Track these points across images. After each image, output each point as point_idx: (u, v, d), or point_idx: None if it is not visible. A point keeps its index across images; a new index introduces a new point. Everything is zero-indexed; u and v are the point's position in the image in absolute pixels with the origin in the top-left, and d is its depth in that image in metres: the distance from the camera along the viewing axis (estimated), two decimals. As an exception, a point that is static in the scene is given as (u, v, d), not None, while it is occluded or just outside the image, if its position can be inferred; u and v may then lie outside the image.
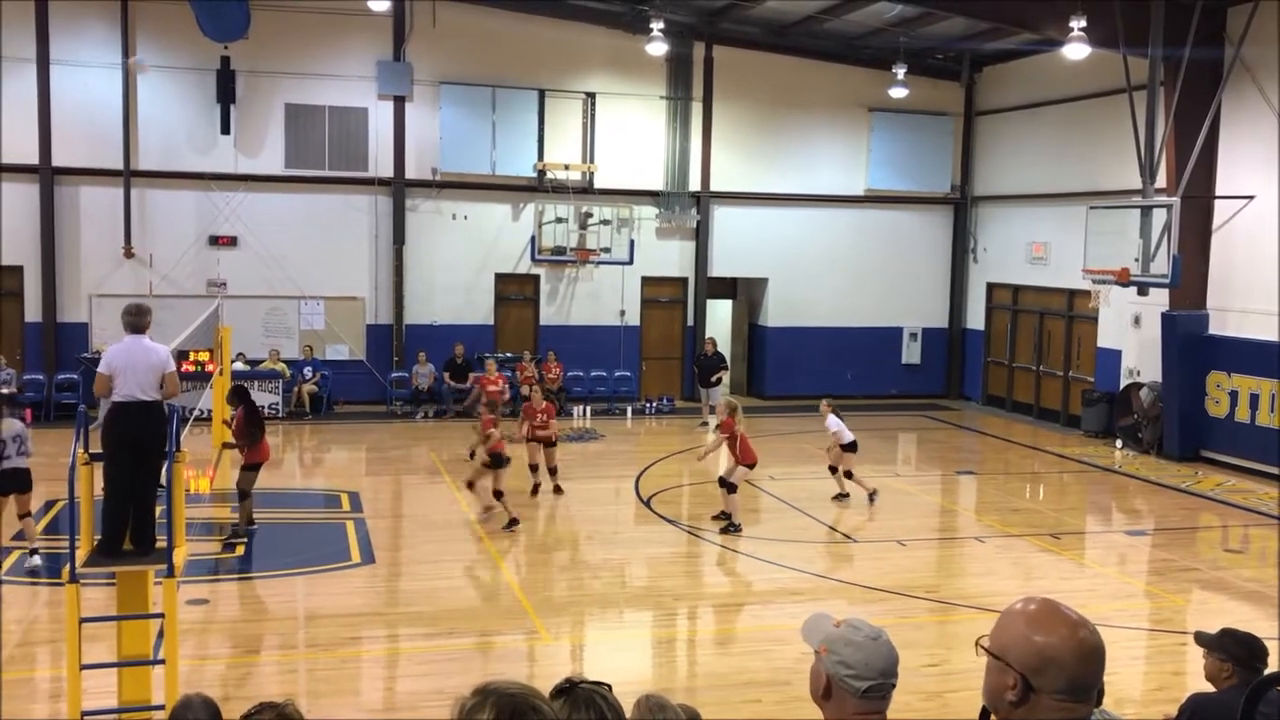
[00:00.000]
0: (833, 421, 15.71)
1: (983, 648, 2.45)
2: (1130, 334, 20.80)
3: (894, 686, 2.72)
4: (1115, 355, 21.30)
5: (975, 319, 25.74)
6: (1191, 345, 18.97)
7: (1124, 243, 18.47)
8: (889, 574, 12.36)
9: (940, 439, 21.92)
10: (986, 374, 25.46)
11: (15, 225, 20.95)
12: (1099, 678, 2.41)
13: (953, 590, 12.03)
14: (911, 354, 25.92)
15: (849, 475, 15.74)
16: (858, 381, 25.29)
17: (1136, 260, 18.15)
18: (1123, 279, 18.26)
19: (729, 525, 13.98)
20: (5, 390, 17.11)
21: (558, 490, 15.89)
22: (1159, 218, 17.92)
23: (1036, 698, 2.35)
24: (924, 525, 15.21)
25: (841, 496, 15.76)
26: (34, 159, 20.96)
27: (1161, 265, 17.80)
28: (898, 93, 23.23)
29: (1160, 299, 19.07)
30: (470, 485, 14.69)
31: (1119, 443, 20.44)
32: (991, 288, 25.24)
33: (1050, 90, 22.70)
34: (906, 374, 25.89)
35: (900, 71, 22.73)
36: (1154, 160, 18.27)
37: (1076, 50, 17.55)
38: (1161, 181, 18.53)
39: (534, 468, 15.99)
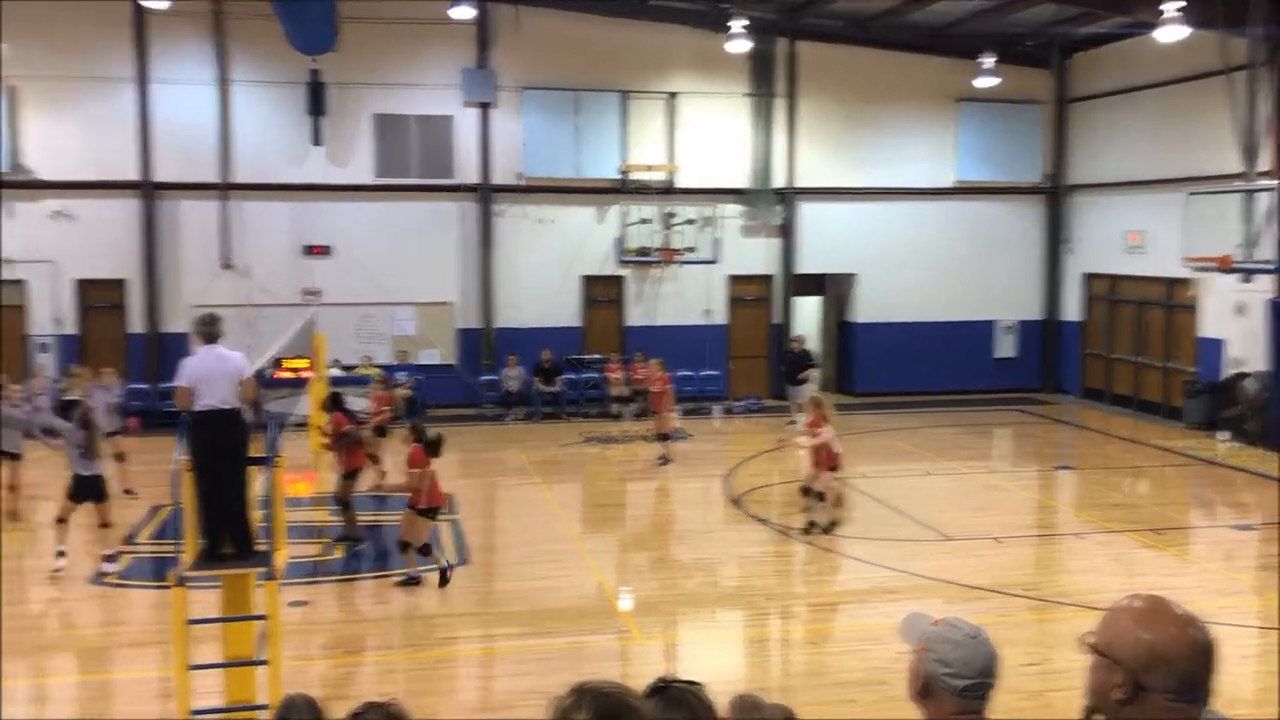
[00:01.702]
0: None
1: (1088, 644, 2.39)
2: (1233, 322, 20.14)
3: (993, 686, 2.67)
4: (1217, 345, 20.65)
5: (1071, 310, 25.16)
6: (1300, 333, 18.32)
7: (1225, 229, 17.91)
8: (986, 571, 12.14)
9: (1036, 433, 21.48)
10: (1084, 366, 24.87)
11: (118, 240, 21.69)
12: (1210, 677, 2.34)
13: (1052, 588, 11.77)
14: (1005, 347, 25.45)
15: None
16: (950, 376, 24.91)
17: (1239, 246, 17.59)
18: (1225, 266, 17.70)
19: (822, 527, 13.54)
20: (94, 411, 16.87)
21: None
22: (1262, 202, 17.34)
23: (1145, 697, 2.29)
24: (1021, 521, 14.92)
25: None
26: (135, 175, 21.65)
27: (1266, 251, 17.22)
28: (985, 82, 22.82)
29: (1266, 286, 18.43)
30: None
31: (1223, 434, 19.81)
32: (1088, 278, 24.65)
33: (1145, 74, 22.09)
34: (1000, 368, 25.42)
35: (988, 61, 22.35)
36: (1256, 143, 17.68)
37: (1172, 32, 17.08)
38: (1265, 164, 17.92)
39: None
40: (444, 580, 11.52)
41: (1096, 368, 24.49)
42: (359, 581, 12.29)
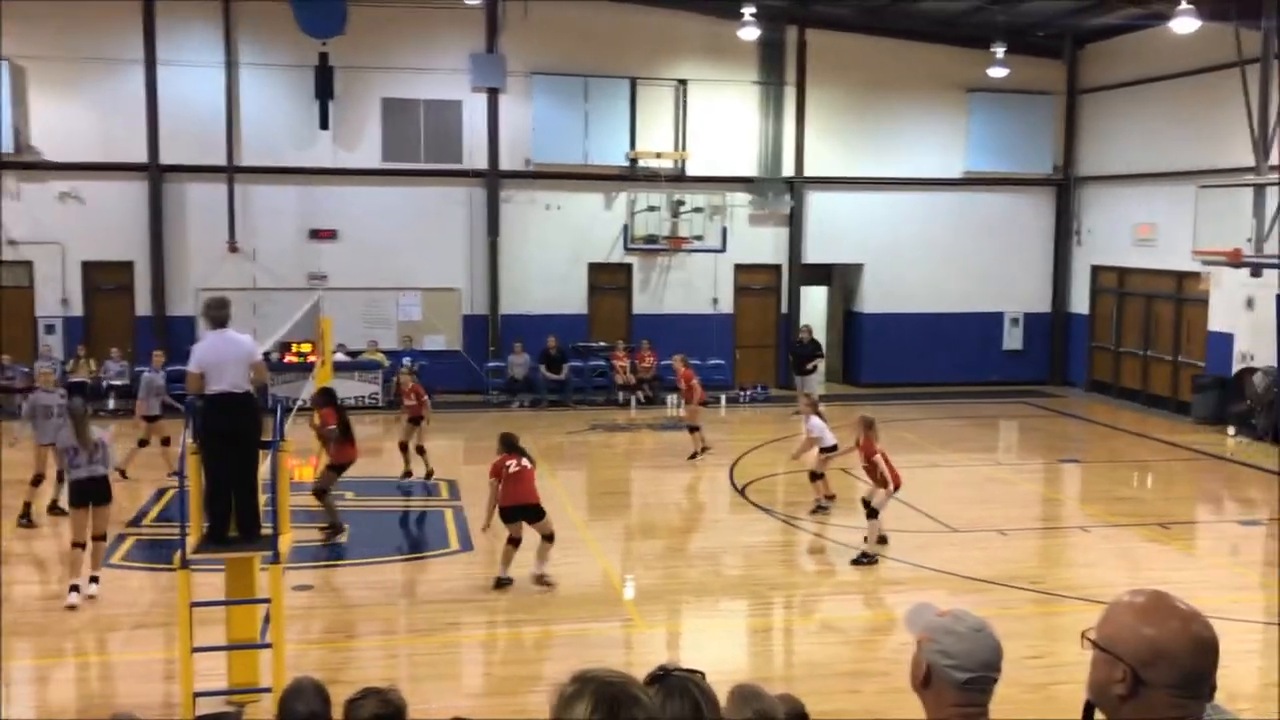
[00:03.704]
0: (814, 424, 14.07)
1: (1089, 640, 2.37)
2: (1243, 317, 20.07)
3: (996, 680, 2.65)
4: (1227, 339, 20.58)
5: (1079, 303, 25.09)
6: (1309, 328, 18.23)
7: (1236, 222, 17.83)
8: (990, 564, 12.13)
9: (1043, 426, 21.44)
10: (1091, 359, 24.81)
11: (126, 222, 21.70)
12: (1212, 672, 2.32)
13: (1057, 581, 11.76)
14: (1013, 339, 25.38)
15: (816, 477, 14.05)
16: (957, 368, 24.85)
17: (1249, 240, 17.51)
18: (1235, 260, 17.63)
19: (860, 556, 12.16)
20: (106, 384, 16.66)
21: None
22: (1273, 196, 17.27)
23: (1147, 692, 2.27)
24: (1026, 515, 14.89)
25: (822, 509, 14.06)
26: (142, 157, 21.62)
27: (1276, 245, 17.14)
28: (997, 72, 22.71)
29: (1275, 281, 18.35)
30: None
31: (1231, 430, 19.75)
32: (1096, 270, 24.57)
33: (1157, 66, 21.94)
34: (1008, 360, 25.36)
35: (999, 51, 22.21)
36: (1268, 136, 17.59)
37: (1185, 24, 16.98)
38: (1276, 158, 17.84)
39: (403, 447, 16.20)
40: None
41: (1104, 361, 24.42)
42: (363, 566, 12.29)
